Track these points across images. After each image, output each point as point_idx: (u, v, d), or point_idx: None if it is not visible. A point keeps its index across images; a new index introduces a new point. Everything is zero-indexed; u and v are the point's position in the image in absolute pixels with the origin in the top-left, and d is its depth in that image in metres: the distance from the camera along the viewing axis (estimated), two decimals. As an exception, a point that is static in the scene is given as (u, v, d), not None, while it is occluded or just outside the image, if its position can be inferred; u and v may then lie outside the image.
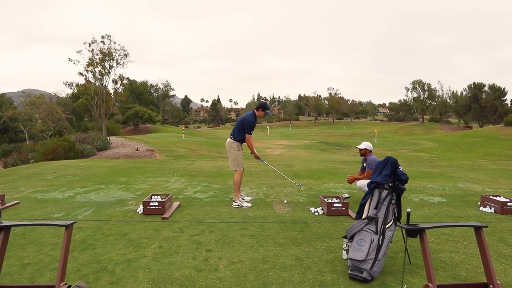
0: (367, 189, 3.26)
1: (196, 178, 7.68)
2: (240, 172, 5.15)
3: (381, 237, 2.91)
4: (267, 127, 64.95)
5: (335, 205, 4.62)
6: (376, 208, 3.07)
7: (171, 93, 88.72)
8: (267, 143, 35.41)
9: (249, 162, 10.05)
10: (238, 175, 5.12)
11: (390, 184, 3.14)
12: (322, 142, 35.95)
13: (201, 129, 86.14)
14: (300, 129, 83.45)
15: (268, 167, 6.15)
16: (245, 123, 5.01)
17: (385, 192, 3.13)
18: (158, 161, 12.43)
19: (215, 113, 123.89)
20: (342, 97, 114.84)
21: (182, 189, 6.40)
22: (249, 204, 5.12)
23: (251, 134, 5.05)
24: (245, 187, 6.54)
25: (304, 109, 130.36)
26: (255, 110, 5.16)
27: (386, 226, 2.98)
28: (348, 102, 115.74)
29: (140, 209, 4.72)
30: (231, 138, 5.14)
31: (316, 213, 4.70)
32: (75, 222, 2.29)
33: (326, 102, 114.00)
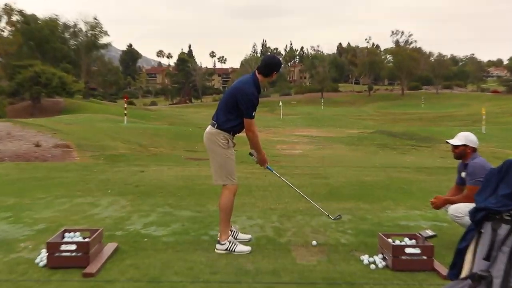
0: (470, 221, 3.24)
1: (149, 199, 7.73)
2: (232, 188, 5.18)
3: (497, 314, 2.88)
4: (280, 103, 64.71)
5: (408, 250, 4.62)
6: (487, 258, 3.04)
7: (103, 40, 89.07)
8: (279, 133, 35.55)
9: (247, 169, 10.03)
10: (229, 193, 5.16)
11: (515, 213, 3.11)
12: (381, 132, 36.01)
13: (159, 107, 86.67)
14: (341, 108, 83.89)
15: (281, 180, 6.11)
16: (240, 97, 5.03)
17: (504, 228, 3.11)
18: (78, 167, 12.45)
19: (184, 78, 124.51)
20: (420, 48, 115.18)
21: (121, 220, 6.44)
22: (248, 248, 5.14)
23: (252, 117, 5.06)
24: (241, 215, 6.56)
25: (349, 71, 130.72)
26: (256, 72, 5.17)
27: (508, 293, 2.95)
28: (431, 58, 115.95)
29: (42, 257, 4.71)
30: (213, 125, 5.15)
31: (373, 266, 4.72)
32: None
33: (390, 57, 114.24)
